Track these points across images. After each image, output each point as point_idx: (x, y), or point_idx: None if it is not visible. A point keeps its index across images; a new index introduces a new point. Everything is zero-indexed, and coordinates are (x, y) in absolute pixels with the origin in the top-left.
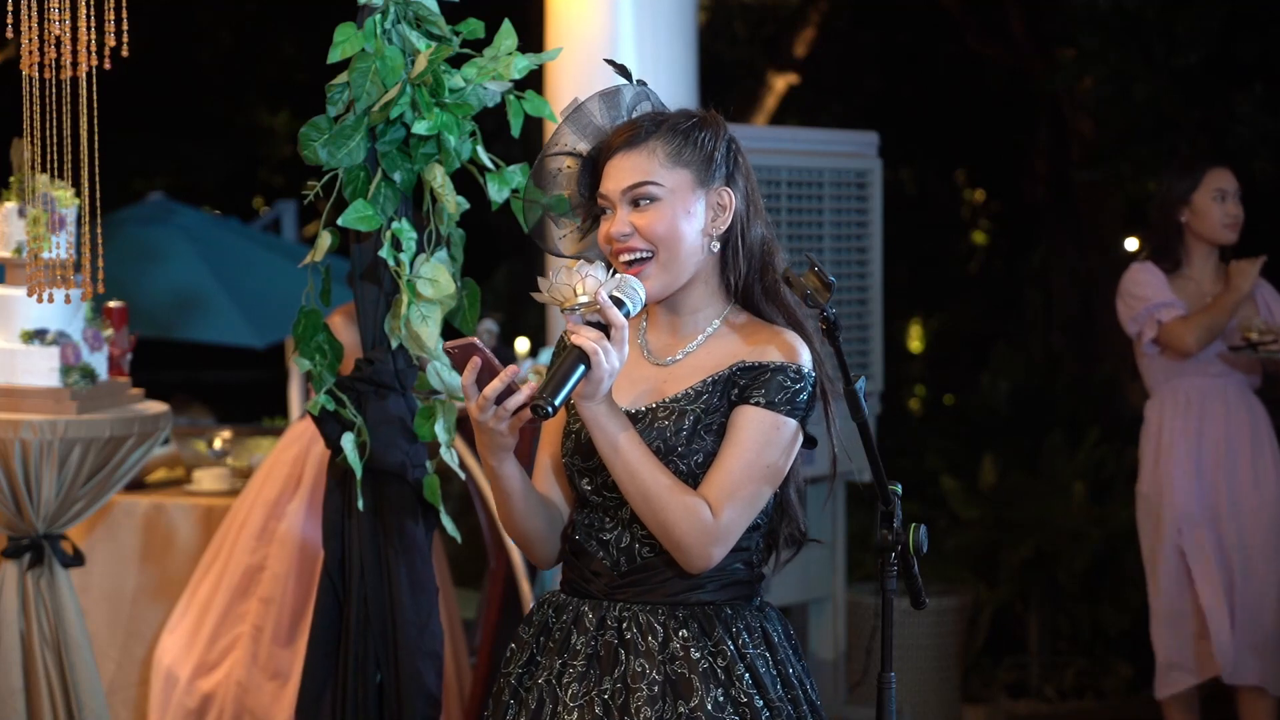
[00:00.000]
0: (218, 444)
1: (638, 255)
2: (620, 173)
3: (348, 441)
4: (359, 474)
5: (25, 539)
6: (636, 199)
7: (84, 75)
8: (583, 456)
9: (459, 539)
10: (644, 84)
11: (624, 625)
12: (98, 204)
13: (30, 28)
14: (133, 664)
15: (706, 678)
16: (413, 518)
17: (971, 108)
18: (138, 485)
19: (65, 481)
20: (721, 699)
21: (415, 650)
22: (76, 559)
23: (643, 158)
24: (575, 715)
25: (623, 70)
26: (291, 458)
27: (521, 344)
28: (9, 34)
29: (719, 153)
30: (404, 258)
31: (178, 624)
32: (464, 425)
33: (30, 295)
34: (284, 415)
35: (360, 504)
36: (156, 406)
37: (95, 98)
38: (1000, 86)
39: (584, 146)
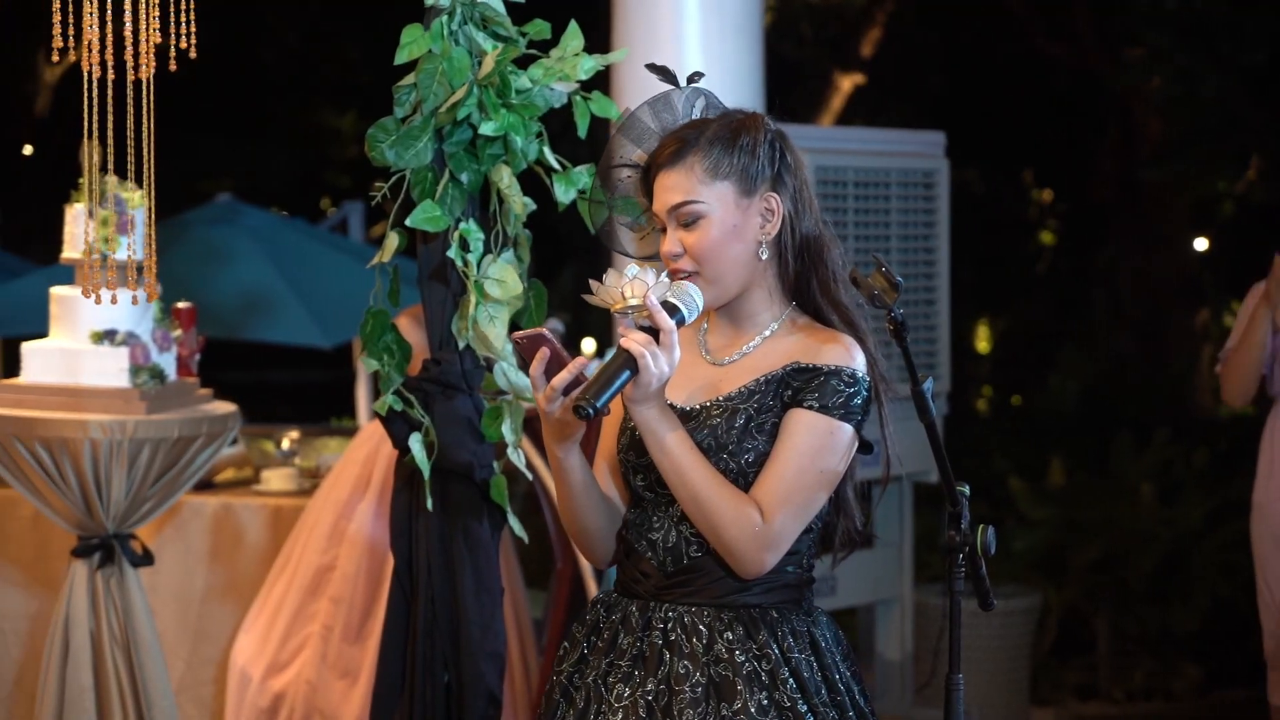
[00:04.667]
0: (285, 444)
1: (686, 273)
2: (664, 192)
3: (415, 442)
4: (427, 474)
5: (95, 538)
6: (681, 218)
7: (148, 77)
8: (636, 453)
9: (525, 539)
10: (699, 76)
11: (669, 626)
12: (152, 203)
13: (93, 29)
14: (201, 663)
15: (750, 680)
16: (478, 518)
17: (1038, 107)
18: (206, 485)
19: (134, 481)
20: (765, 702)
21: (478, 650)
22: (146, 559)
23: (682, 176)
24: (620, 716)
25: (665, 74)
26: (362, 458)
27: (588, 344)
28: (84, 36)
29: (760, 159)
30: (471, 258)
31: (252, 624)
32: (531, 426)
33: (86, 296)
34: (351, 415)
35: (429, 504)
36: (225, 407)
37: (153, 99)
38: (1067, 86)
39: (641, 155)
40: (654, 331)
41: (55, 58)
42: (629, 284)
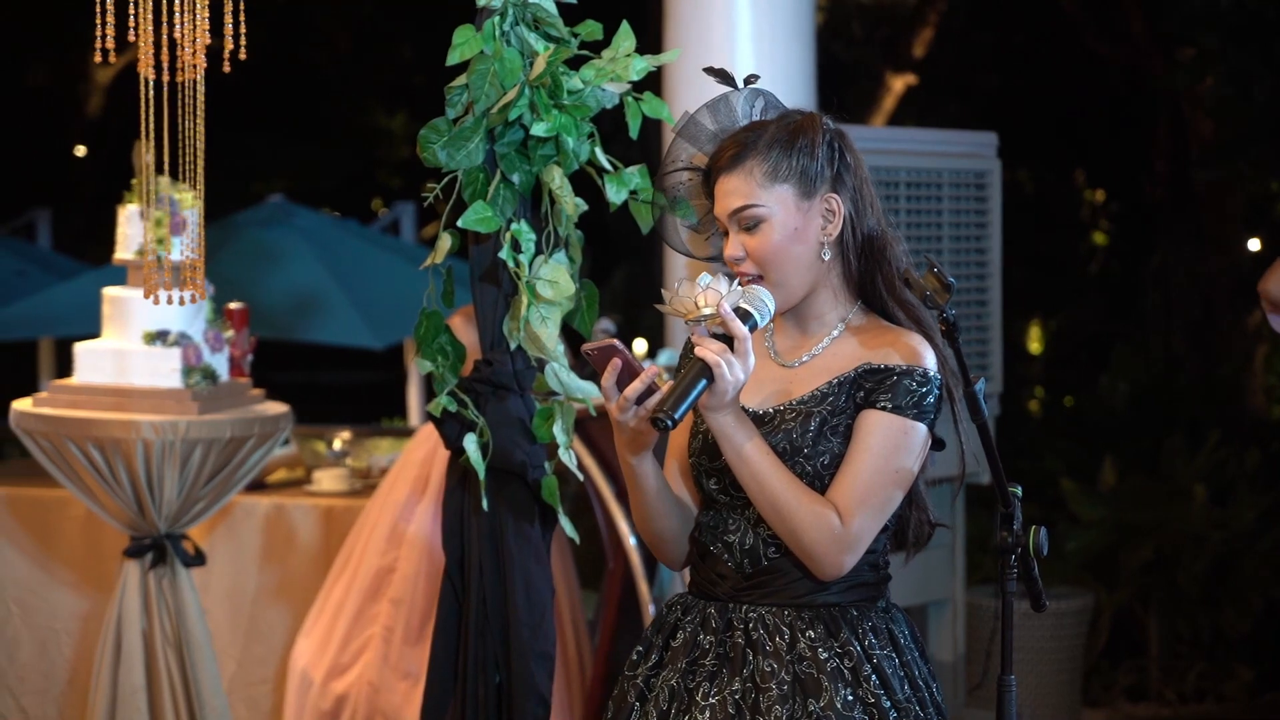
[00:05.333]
0: (337, 445)
1: (750, 276)
2: (725, 196)
3: (470, 442)
4: (482, 474)
5: (147, 539)
6: (743, 222)
7: (199, 78)
8: (709, 457)
9: (577, 539)
10: (755, 79)
11: (750, 626)
12: (202, 205)
13: (148, 31)
14: (253, 663)
15: (834, 678)
16: (530, 519)
17: (1090, 108)
18: (258, 486)
19: (187, 481)
20: (850, 698)
21: (527, 651)
22: (198, 559)
23: (742, 180)
24: (708, 714)
25: (724, 76)
26: (420, 459)
27: (639, 345)
28: (130, 37)
29: (819, 160)
30: (523, 259)
31: (312, 626)
32: (582, 427)
33: (147, 297)
34: (402, 416)
35: (485, 504)
36: (277, 407)
37: (202, 100)
38: (1119, 86)
39: (701, 158)
40: (727, 339)
41: (99, 59)
42: (702, 294)
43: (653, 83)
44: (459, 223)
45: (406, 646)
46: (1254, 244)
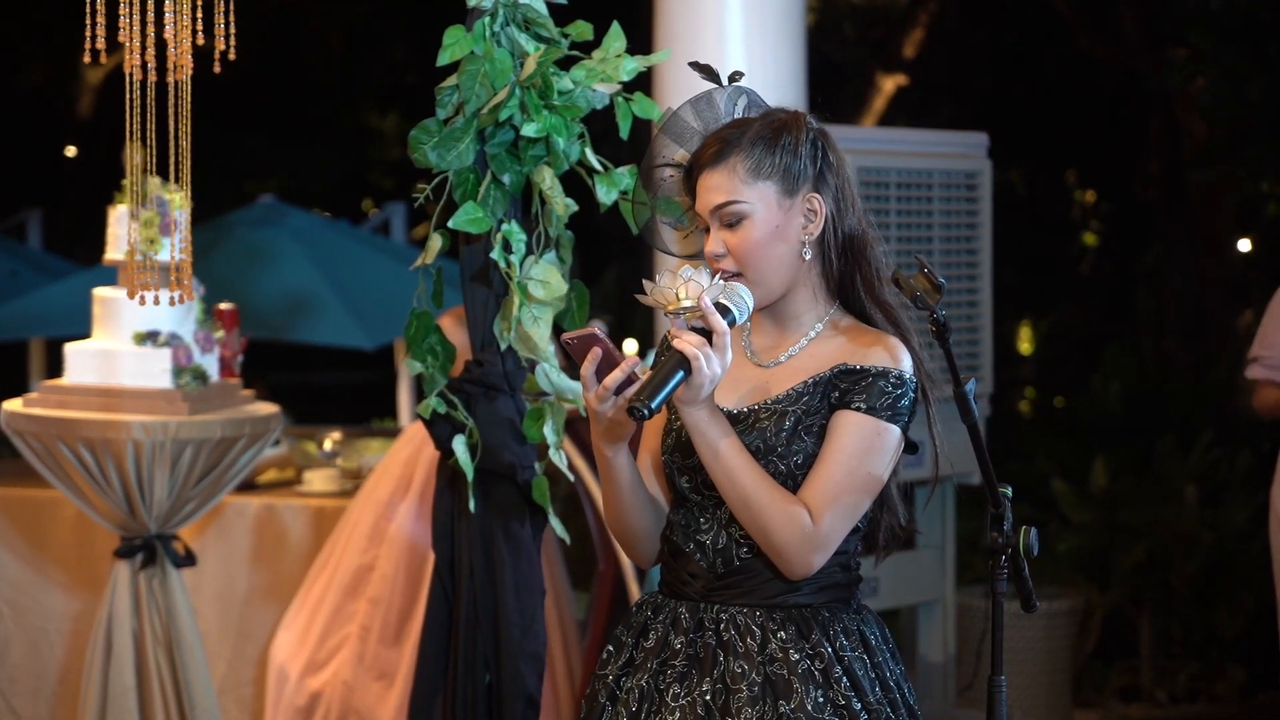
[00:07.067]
0: (328, 445)
1: (729, 273)
2: (707, 192)
3: (459, 444)
4: (470, 476)
5: (138, 539)
6: (724, 219)
7: (186, 78)
8: (682, 454)
9: (567, 540)
10: (739, 76)
11: (721, 626)
12: (188, 203)
13: (137, 31)
14: (244, 663)
15: (805, 679)
16: (520, 519)
17: (1082, 108)
18: (249, 486)
19: (177, 482)
20: (820, 700)
21: (517, 651)
22: (188, 559)
23: (724, 176)
24: (677, 715)
25: (709, 72)
26: (404, 459)
27: (630, 345)
28: (120, 38)
29: (802, 158)
30: (514, 259)
31: (292, 621)
32: (573, 427)
33: (131, 297)
34: (393, 416)
35: (471, 505)
36: (267, 408)
37: (190, 100)
38: (1111, 86)
39: (684, 154)
40: (706, 333)
41: (87, 59)
42: (683, 285)
43: (643, 83)
44: (449, 223)
45: (382, 647)
46: (1245, 244)
